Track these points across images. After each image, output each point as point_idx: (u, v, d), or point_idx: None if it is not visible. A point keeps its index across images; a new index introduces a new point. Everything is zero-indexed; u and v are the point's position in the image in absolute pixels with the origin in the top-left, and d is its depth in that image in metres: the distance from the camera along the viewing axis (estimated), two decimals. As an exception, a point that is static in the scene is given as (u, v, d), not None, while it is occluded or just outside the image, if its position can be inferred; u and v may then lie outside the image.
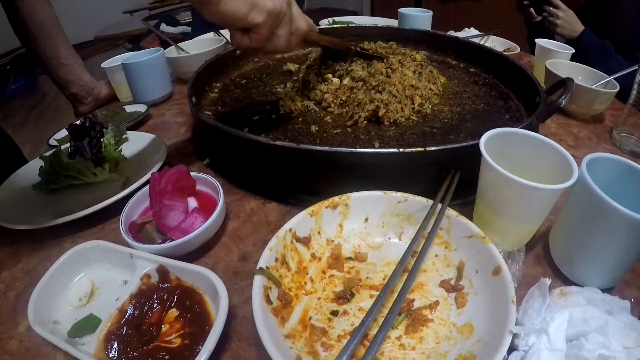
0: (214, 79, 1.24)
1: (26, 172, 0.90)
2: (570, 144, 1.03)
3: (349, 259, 0.66)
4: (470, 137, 0.92)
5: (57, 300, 0.62)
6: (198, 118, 0.92)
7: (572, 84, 0.86)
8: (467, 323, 0.55)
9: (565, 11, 1.65)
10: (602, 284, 0.61)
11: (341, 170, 0.75)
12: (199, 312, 0.57)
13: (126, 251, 0.64)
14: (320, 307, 0.59)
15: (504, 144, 0.66)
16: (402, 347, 0.53)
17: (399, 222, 0.69)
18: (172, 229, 0.68)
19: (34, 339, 0.58)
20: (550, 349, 0.48)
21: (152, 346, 0.54)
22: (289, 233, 0.63)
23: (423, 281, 0.62)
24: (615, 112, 1.18)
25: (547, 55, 1.33)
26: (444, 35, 1.52)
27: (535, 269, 0.67)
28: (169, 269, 0.61)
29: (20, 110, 4.03)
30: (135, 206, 0.74)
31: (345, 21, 1.95)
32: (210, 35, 1.74)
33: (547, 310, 0.52)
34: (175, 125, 1.17)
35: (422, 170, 0.74)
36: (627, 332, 0.50)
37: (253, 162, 0.85)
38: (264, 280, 0.55)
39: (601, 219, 0.55)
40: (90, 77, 1.34)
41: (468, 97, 1.12)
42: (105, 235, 0.76)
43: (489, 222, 0.66)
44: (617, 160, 0.61)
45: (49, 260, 0.65)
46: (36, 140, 3.05)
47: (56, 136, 1.13)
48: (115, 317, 0.57)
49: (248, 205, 0.82)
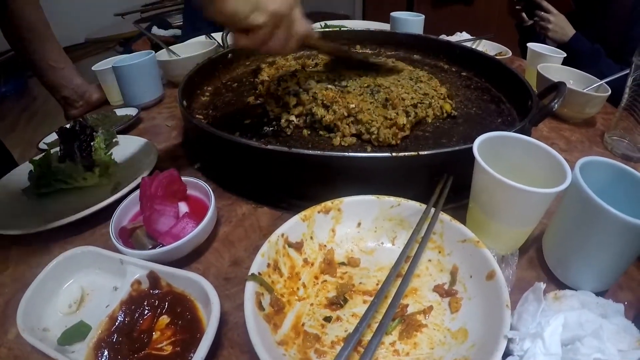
0: (206, 82, 1.23)
1: (15, 176, 0.89)
2: (562, 148, 1.03)
3: (341, 264, 0.66)
4: (462, 141, 0.92)
5: (47, 307, 0.61)
6: (189, 122, 0.91)
7: (564, 87, 0.86)
8: (462, 328, 0.54)
9: (557, 15, 1.66)
10: (596, 287, 0.61)
11: (333, 175, 0.74)
12: (191, 319, 0.57)
13: (116, 257, 0.63)
14: (313, 313, 0.58)
15: (497, 148, 0.66)
16: (396, 352, 0.53)
17: (392, 226, 0.69)
18: (162, 234, 0.67)
19: (24, 346, 0.57)
20: (545, 353, 0.48)
21: (143, 354, 0.53)
22: (281, 238, 0.63)
23: (417, 286, 0.62)
24: (606, 116, 1.19)
25: (538, 59, 1.34)
26: (436, 39, 1.52)
27: (528, 273, 0.67)
28: (159, 275, 0.61)
29: (10, 113, 4.00)
30: (125, 211, 0.73)
31: (336, 25, 1.95)
32: (202, 38, 1.73)
33: (542, 314, 0.52)
34: (166, 129, 1.16)
35: (415, 175, 0.74)
36: (621, 335, 0.50)
37: (244, 167, 0.84)
38: (256, 287, 0.54)
39: (594, 222, 0.55)
40: (81, 80, 1.33)
41: (460, 101, 1.12)
42: (95, 241, 0.75)
43: (483, 226, 0.65)
44: (610, 163, 0.61)
45: (38, 266, 0.64)
46: (26, 144, 3.01)
47: (46, 140, 1.12)
48: (105, 324, 0.56)
49: (239, 210, 0.81)
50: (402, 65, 1.20)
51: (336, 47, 1.06)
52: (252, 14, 0.66)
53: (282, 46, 0.75)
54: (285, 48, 0.77)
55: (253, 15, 0.66)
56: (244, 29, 0.70)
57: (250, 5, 0.65)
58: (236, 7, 0.64)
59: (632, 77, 0.94)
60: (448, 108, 1.02)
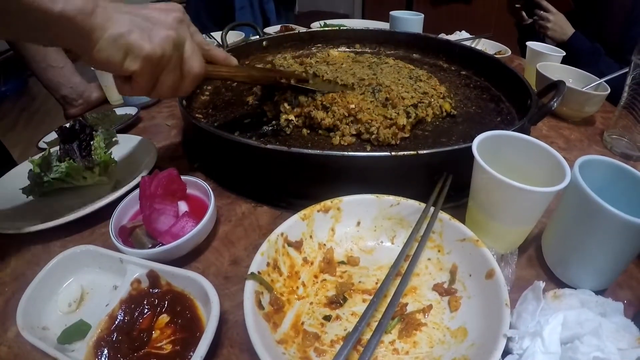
0: (205, 82, 1.23)
1: (15, 175, 0.89)
2: (561, 146, 1.04)
3: (341, 263, 0.66)
4: (462, 140, 0.92)
5: (47, 306, 0.61)
6: (188, 121, 0.91)
7: (563, 86, 0.86)
8: (461, 327, 0.55)
9: (556, 14, 1.66)
10: (595, 286, 0.61)
11: (333, 174, 0.74)
12: (190, 318, 0.57)
13: (116, 256, 0.63)
14: (312, 312, 0.58)
15: (496, 147, 0.66)
16: (395, 351, 0.53)
17: (391, 225, 0.69)
18: (162, 233, 0.67)
19: (23, 345, 0.57)
20: (544, 352, 0.48)
21: (142, 352, 0.53)
22: (281, 237, 0.63)
23: (416, 285, 0.62)
24: (605, 115, 1.19)
25: (538, 58, 1.34)
26: (436, 38, 1.53)
27: (528, 272, 0.67)
28: (159, 274, 0.61)
29: (9, 112, 3.99)
30: (125, 210, 0.73)
31: (336, 24, 1.95)
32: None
33: (541, 313, 0.52)
34: (165, 128, 1.16)
35: (415, 174, 0.74)
36: (620, 333, 0.50)
37: (244, 166, 0.84)
38: (256, 285, 0.54)
39: (594, 221, 0.55)
40: (80, 80, 1.33)
41: (459, 100, 1.12)
42: (95, 240, 0.75)
43: (482, 225, 0.66)
44: (609, 162, 0.61)
45: (38, 265, 0.64)
46: (26, 143, 3.02)
47: (46, 139, 1.11)
48: (105, 323, 0.56)
49: (239, 209, 0.81)
50: (340, 86, 1.04)
51: (262, 74, 0.94)
52: (125, 60, 0.58)
53: (173, 90, 0.67)
54: (178, 91, 0.69)
55: (127, 62, 0.59)
56: (126, 76, 0.63)
57: (122, 51, 0.57)
58: (108, 55, 0.57)
59: (631, 76, 0.95)
60: (447, 107, 1.02)
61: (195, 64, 0.68)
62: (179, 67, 0.66)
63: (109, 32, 0.55)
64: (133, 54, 0.58)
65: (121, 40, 0.57)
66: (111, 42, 0.56)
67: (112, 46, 0.56)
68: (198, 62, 0.68)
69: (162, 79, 0.64)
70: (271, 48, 1.45)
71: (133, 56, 0.58)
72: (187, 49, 0.66)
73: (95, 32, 0.54)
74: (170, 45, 0.62)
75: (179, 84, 0.68)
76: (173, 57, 0.63)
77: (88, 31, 0.54)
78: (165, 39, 0.61)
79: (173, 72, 0.65)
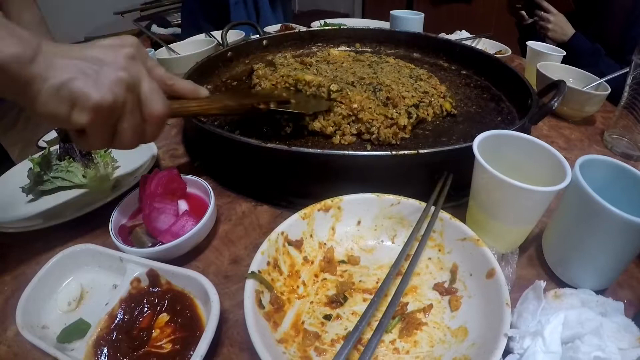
0: (205, 81, 1.23)
1: (15, 174, 0.88)
2: (562, 146, 1.03)
3: (341, 262, 0.66)
4: (462, 139, 0.92)
5: (46, 305, 0.61)
6: (188, 120, 0.91)
7: (564, 86, 0.86)
8: (462, 326, 0.54)
9: (556, 15, 1.66)
10: (596, 285, 0.61)
11: (333, 173, 0.74)
12: (190, 317, 0.57)
13: (116, 255, 0.63)
14: (313, 312, 0.58)
15: (497, 147, 0.65)
16: (396, 351, 0.53)
17: (392, 224, 0.69)
18: (162, 232, 0.67)
19: (23, 344, 0.56)
20: (545, 351, 0.48)
21: (142, 352, 0.53)
22: (281, 236, 0.62)
23: (417, 284, 0.62)
24: (606, 114, 1.19)
25: (538, 58, 1.33)
26: (436, 37, 1.53)
27: (528, 271, 0.67)
28: (159, 273, 0.61)
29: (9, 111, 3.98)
30: (125, 209, 0.73)
31: (336, 23, 1.95)
32: (202, 36, 1.73)
33: (542, 312, 0.52)
34: (166, 127, 1.15)
35: (415, 173, 0.74)
36: (621, 333, 0.50)
37: (244, 165, 0.84)
38: (256, 284, 0.54)
39: (594, 221, 0.55)
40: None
41: (460, 99, 1.12)
42: (95, 239, 0.75)
43: (482, 224, 0.65)
44: (610, 162, 0.61)
45: (37, 264, 0.64)
46: (25, 142, 3.00)
47: (45, 138, 1.11)
48: (105, 322, 0.56)
49: (239, 208, 0.81)
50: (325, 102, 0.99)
51: (237, 103, 0.82)
52: (72, 113, 0.50)
53: (138, 137, 0.59)
54: (144, 137, 0.60)
55: (74, 116, 0.50)
56: (78, 130, 0.54)
57: (67, 103, 0.49)
58: (52, 109, 0.49)
59: (631, 76, 0.94)
60: (448, 106, 1.02)
61: (156, 105, 0.58)
62: (137, 112, 0.57)
63: (49, 82, 0.48)
64: (80, 105, 0.50)
65: (64, 90, 0.49)
66: (53, 94, 0.48)
67: (54, 98, 0.49)
68: (159, 102, 0.59)
69: (120, 128, 0.56)
70: (271, 47, 1.45)
71: (80, 107, 0.50)
72: (144, 89, 0.57)
73: (35, 83, 0.48)
74: (122, 88, 0.53)
75: (143, 130, 0.59)
76: (128, 102, 0.54)
77: (26, 82, 0.47)
78: (116, 82, 0.52)
79: (132, 119, 0.56)
